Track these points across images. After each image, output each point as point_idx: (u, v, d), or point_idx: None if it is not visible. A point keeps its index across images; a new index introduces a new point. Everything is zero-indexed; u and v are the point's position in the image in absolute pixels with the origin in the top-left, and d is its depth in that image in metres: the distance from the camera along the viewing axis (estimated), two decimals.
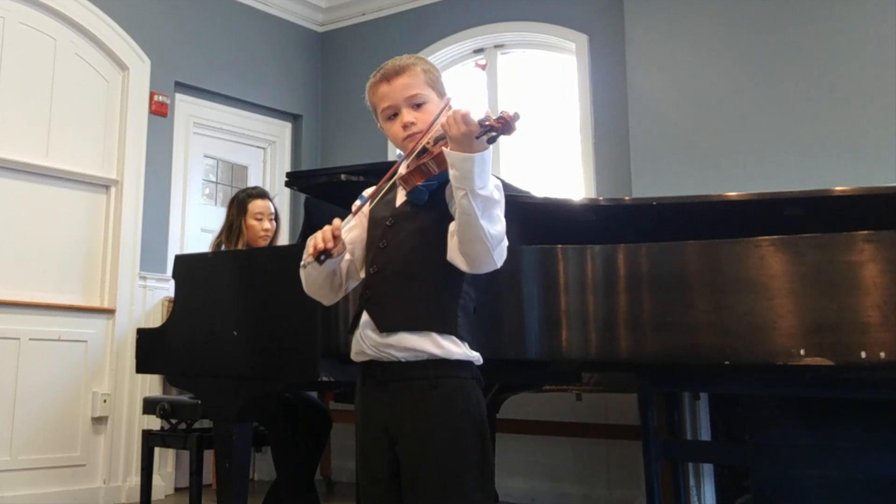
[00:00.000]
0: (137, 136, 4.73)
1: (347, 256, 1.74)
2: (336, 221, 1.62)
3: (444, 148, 1.55)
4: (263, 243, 3.56)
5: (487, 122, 1.47)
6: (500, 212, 1.57)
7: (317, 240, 1.60)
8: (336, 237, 1.60)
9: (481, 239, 1.52)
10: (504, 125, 1.47)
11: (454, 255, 1.58)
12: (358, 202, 1.67)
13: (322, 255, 1.59)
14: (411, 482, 1.60)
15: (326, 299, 1.77)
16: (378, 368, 1.64)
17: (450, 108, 1.65)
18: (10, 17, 4.31)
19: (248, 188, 3.83)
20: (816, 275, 2.22)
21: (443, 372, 1.60)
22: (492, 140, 1.49)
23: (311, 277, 1.70)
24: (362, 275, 1.74)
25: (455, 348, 1.61)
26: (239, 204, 3.59)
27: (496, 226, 1.54)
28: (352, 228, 1.75)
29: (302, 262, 1.66)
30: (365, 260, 1.73)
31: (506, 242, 1.59)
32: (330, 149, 5.71)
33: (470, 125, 1.48)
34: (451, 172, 1.51)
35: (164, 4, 4.98)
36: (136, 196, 4.68)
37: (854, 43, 3.87)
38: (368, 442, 1.68)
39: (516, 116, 1.47)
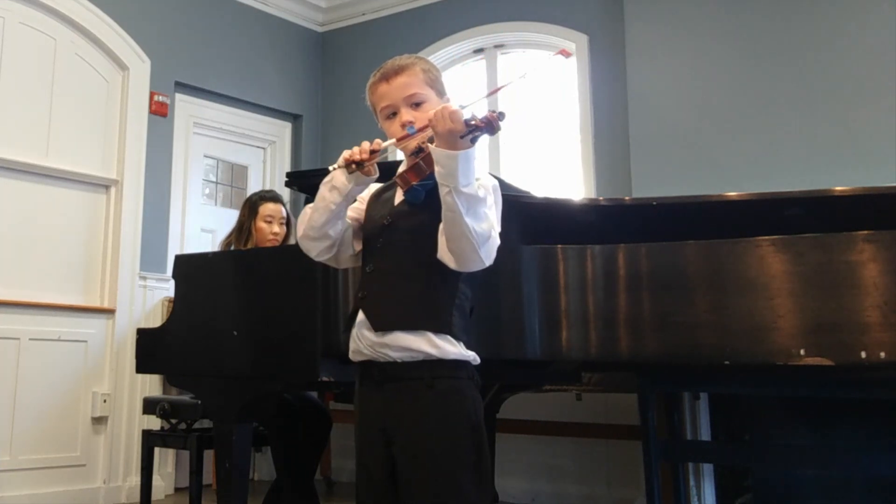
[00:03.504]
0: (137, 136, 4.72)
1: (351, 219, 1.74)
2: (377, 140, 1.63)
3: (430, 145, 1.55)
4: None
5: (473, 122, 1.48)
6: (487, 210, 1.56)
7: (352, 151, 1.61)
8: (374, 151, 1.60)
9: (466, 236, 1.53)
10: (487, 125, 1.48)
11: (443, 253, 1.59)
12: (411, 130, 1.64)
13: (354, 164, 1.59)
14: (408, 482, 1.60)
15: (316, 248, 1.73)
16: (375, 369, 1.65)
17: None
18: (10, 17, 4.31)
19: (262, 191, 3.86)
20: (816, 275, 2.22)
21: (439, 372, 1.60)
22: (475, 139, 1.51)
23: (325, 199, 1.67)
24: (358, 249, 1.75)
25: (450, 348, 1.61)
26: (251, 206, 3.60)
27: (482, 224, 1.54)
28: (357, 208, 1.78)
29: (332, 167, 1.65)
30: (362, 259, 1.74)
31: (495, 241, 1.59)
32: (330, 149, 5.70)
33: (456, 122, 1.49)
34: (437, 169, 1.53)
35: (164, 4, 4.98)
36: (136, 196, 4.68)
37: (854, 43, 3.87)
38: (365, 441, 1.68)
39: (500, 117, 1.48)
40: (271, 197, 3.66)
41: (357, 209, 1.80)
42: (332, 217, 1.69)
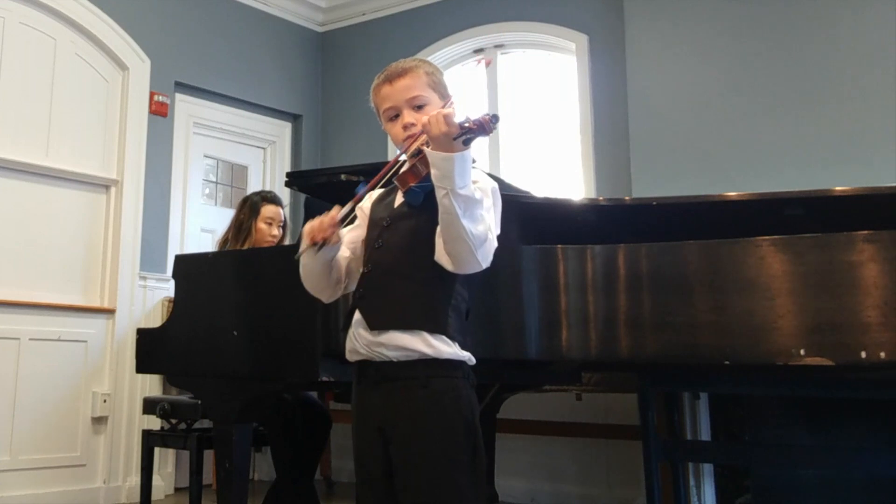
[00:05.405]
0: (137, 136, 4.73)
1: (348, 254, 1.76)
2: (333, 210, 1.64)
3: (425, 148, 1.56)
4: None
5: (466, 124, 1.50)
6: (483, 212, 1.58)
7: (313, 229, 1.63)
8: (332, 226, 1.62)
9: (463, 238, 1.54)
10: (479, 127, 1.50)
11: (440, 255, 1.61)
12: (359, 190, 1.68)
13: (317, 245, 1.62)
14: (404, 481, 1.61)
15: (325, 294, 1.77)
16: (371, 368, 1.66)
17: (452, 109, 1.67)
18: (10, 17, 4.31)
19: (262, 191, 3.83)
20: (816, 275, 2.22)
21: (433, 371, 1.61)
22: (468, 142, 1.52)
23: (307, 268, 1.72)
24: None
25: (445, 348, 1.62)
26: (252, 205, 3.59)
27: (478, 226, 1.56)
28: (355, 227, 1.79)
29: (297, 252, 1.68)
30: (362, 259, 1.75)
31: (492, 243, 1.60)
32: (330, 149, 5.70)
33: (450, 126, 1.50)
34: (433, 172, 1.54)
35: (164, 4, 4.98)
36: (136, 196, 4.68)
37: (854, 43, 3.87)
38: (363, 441, 1.69)
39: (493, 119, 1.50)
40: (272, 199, 3.65)
41: (360, 228, 1.80)
42: (324, 275, 1.73)
